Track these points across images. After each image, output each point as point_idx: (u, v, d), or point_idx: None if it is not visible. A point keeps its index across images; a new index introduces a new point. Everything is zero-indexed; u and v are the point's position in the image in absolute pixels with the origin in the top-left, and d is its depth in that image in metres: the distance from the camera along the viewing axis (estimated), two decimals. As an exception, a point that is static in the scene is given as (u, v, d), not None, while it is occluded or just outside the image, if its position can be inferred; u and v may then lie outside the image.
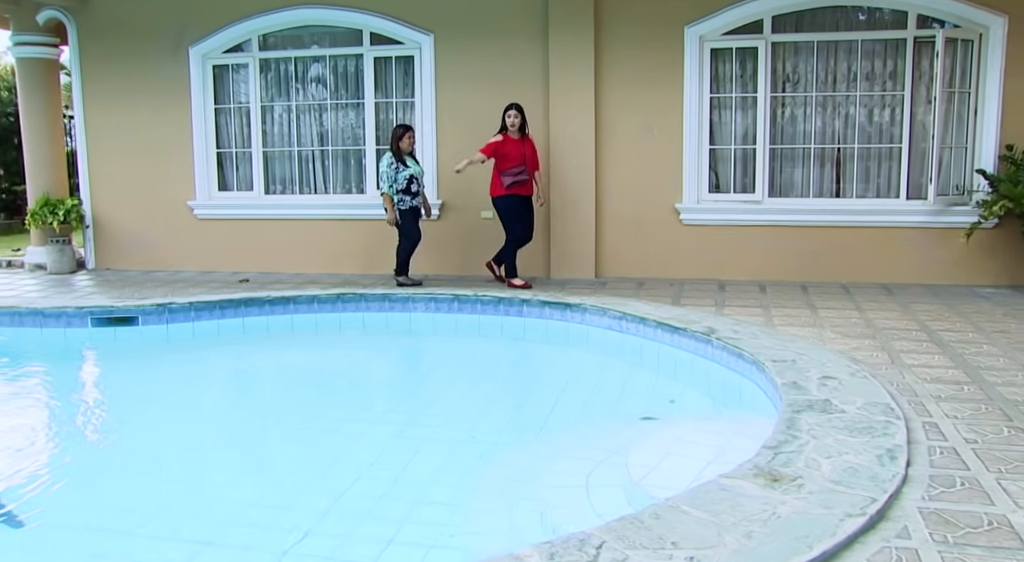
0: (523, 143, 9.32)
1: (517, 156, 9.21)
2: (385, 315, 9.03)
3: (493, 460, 5.37)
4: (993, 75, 9.13)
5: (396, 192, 9.44)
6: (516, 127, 9.25)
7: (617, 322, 7.93)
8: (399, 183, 9.41)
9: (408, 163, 9.48)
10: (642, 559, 3.12)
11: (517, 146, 9.25)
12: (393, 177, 9.41)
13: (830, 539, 3.31)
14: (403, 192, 9.45)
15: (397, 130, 9.49)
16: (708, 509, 3.53)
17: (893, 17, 9.46)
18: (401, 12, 10.27)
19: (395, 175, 9.41)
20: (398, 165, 9.41)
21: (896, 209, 9.50)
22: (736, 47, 9.72)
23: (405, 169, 9.43)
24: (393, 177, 9.41)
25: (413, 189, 9.49)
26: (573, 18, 9.67)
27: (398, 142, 9.44)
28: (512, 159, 9.19)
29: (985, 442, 4.57)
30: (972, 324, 7.54)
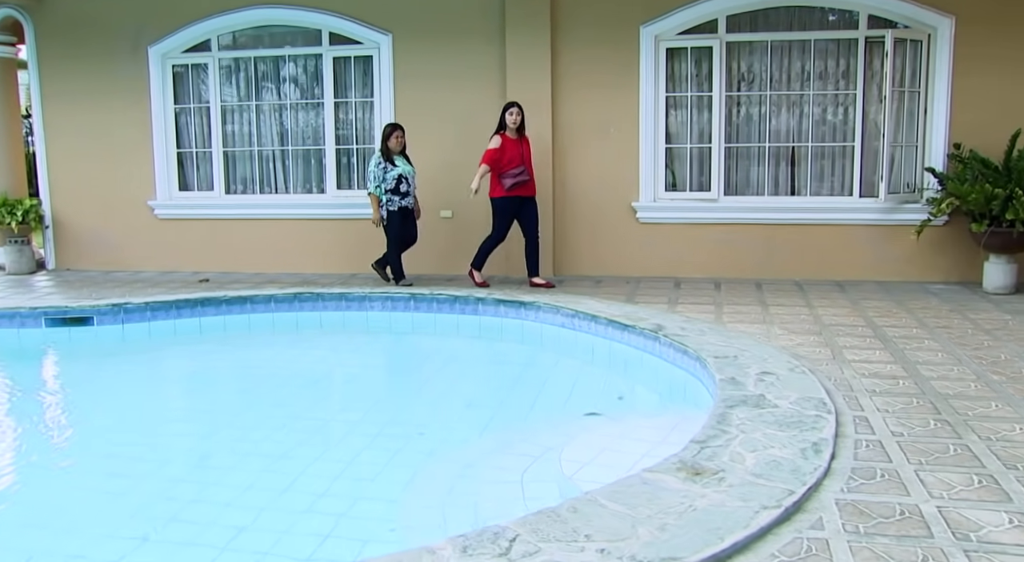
0: (521, 143, 9.20)
1: (516, 157, 9.07)
2: (342, 314, 9.08)
3: (438, 456, 5.44)
4: (942, 75, 9.26)
5: (384, 192, 9.34)
6: (517, 126, 9.12)
7: (570, 320, 8.00)
8: (388, 183, 9.32)
9: (397, 162, 9.38)
10: (554, 552, 3.19)
11: (516, 146, 9.12)
12: (381, 177, 9.31)
13: (742, 531, 3.38)
14: (391, 192, 9.35)
15: (386, 129, 9.40)
16: (626, 502, 3.60)
17: (845, 17, 9.55)
18: (359, 12, 10.31)
19: (383, 175, 9.31)
20: (386, 165, 9.32)
21: (849, 207, 9.62)
22: (691, 47, 9.81)
23: (393, 168, 9.33)
24: (381, 177, 9.31)
25: (402, 189, 9.36)
26: (529, 19, 9.73)
27: (386, 141, 9.35)
28: (512, 160, 9.04)
29: (911, 435, 4.66)
30: (917, 320, 7.65)
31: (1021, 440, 4.59)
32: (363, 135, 10.70)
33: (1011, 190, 8.27)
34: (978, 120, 9.15)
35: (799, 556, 3.29)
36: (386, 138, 9.35)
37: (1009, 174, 8.52)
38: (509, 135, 9.10)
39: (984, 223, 8.56)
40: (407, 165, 9.47)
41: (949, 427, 4.81)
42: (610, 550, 3.20)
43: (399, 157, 9.43)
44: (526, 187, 9.15)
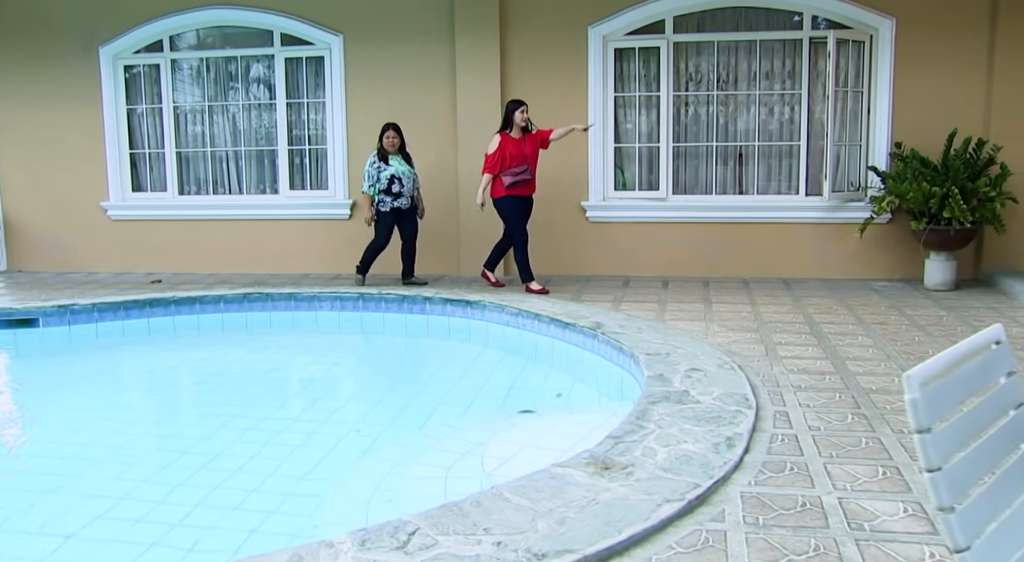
0: (524, 141, 8.93)
1: (518, 156, 8.82)
2: (291, 314, 9.11)
3: (371, 453, 5.51)
4: (884, 75, 9.39)
5: (378, 192, 9.28)
6: (524, 124, 8.91)
7: (514, 318, 8.06)
8: (381, 183, 9.26)
9: (392, 162, 9.30)
10: (451, 544, 3.24)
11: (518, 145, 8.87)
12: (375, 176, 9.26)
13: (641, 524, 3.45)
14: (384, 192, 9.28)
15: (382, 129, 9.37)
16: (530, 497, 3.66)
17: (790, 18, 9.66)
18: (310, 13, 10.33)
19: (376, 174, 9.26)
20: (380, 164, 9.26)
21: (795, 205, 9.74)
22: (639, 47, 9.90)
23: (387, 168, 9.25)
24: (375, 176, 9.26)
25: (394, 190, 9.26)
26: (478, 20, 9.79)
27: (381, 141, 9.32)
28: (513, 158, 8.81)
29: (827, 429, 4.75)
30: (855, 316, 7.76)
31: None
32: (316, 136, 10.73)
33: (948, 188, 8.39)
34: (919, 119, 9.29)
35: (696, 547, 3.36)
36: (380, 138, 9.34)
37: (947, 173, 8.64)
38: (513, 133, 8.88)
39: (923, 221, 8.69)
40: (402, 165, 9.36)
41: (866, 421, 4.91)
42: (506, 543, 3.26)
43: (395, 157, 9.35)
44: (528, 186, 8.97)
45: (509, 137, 8.85)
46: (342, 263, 10.52)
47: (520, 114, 8.81)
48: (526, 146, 8.90)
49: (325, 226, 10.63)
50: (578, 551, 3.21)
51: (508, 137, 8.85)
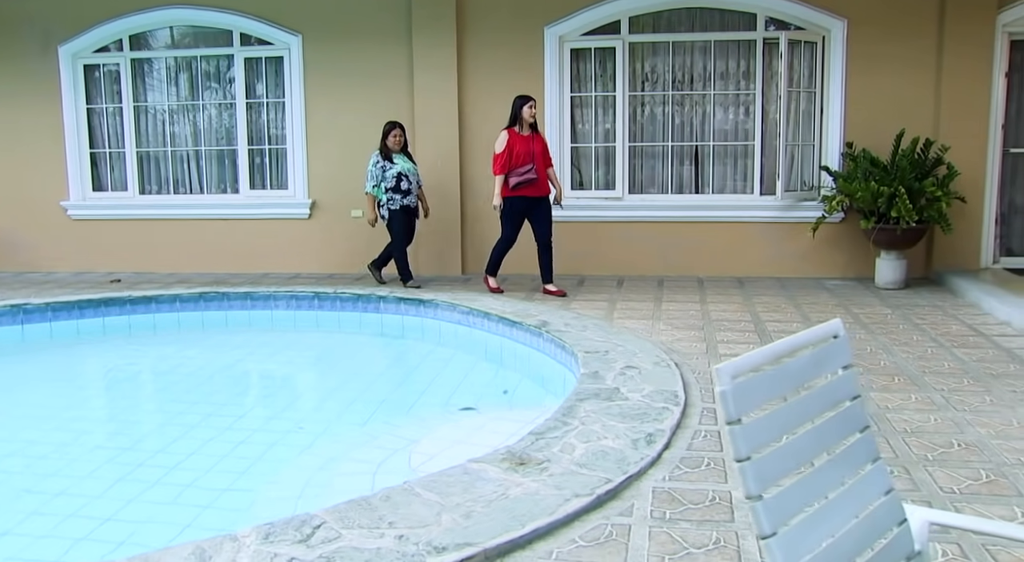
0: (532, 140, 8.61)
1: (525, 154, 8.48)
2: (247, 313, 9.13)
3: (309, 450, 5.56)
4: (836, 75, 9.48)
5: (385, 191, 9.12)
6: (530, 122, 8.62)
7: (465, 317, 8.12)
8: (387, 181, 9.10)
9: (396, 160, 9.16)
10: (354, 537, 3.30)
11: (525, 143, 8.53)
12: (379, 175, 9.11)
13: (546, 518, 3.51)
14: (393, 190, 9.12)
15: (385, 127, 9.20)
16: (441, 491, 3.72)
17: (744, 19, 9.75)
18: (269, 13, 10.36)
19: (381, 173, 9.11)
20: (384, 163, 9.12)
21: (750, 205, 9.82)
22: (595, 47, 9.96)
23: (392, 167, 9.11)
24: (379, 175, 9.11)
25: (403, 187, 9.11)
26: (435, 20, 9.83)
27: (384, 139, 9.15)
28: (520, 157, 8.47)
29: (750, 425, 4.81)
30: (802, 315, 7.84)
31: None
32: (276, 135, 10.75)
33: (895, 188, 8.48)
34: (871, 119, 9.39)
35: (598, 541, 3.42)
36: (384, 136, 9.16)
37: (895, 173, 8.74)
38: (520, 131, 8.58)
39: (872, 220, 8.78)
40: (407, 163, 9.24)
41: (791, 417, 4.96)
42: (408, 536, 3.31)
43: (399, 155, 9.22)
44: (534, 187, 8.60)
45: (517, 135, 8.56)
46: (302, 262, 10.57)
47: (528, 110, 8.53)
48: (534, 144, 8.60)
49: (285, 226, 10.66)
50: (478, 544, 3.27)
51: (516, 135, 8.56)
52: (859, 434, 2.06)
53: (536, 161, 8.53)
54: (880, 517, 2.00)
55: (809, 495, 1.81)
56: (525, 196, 8.59)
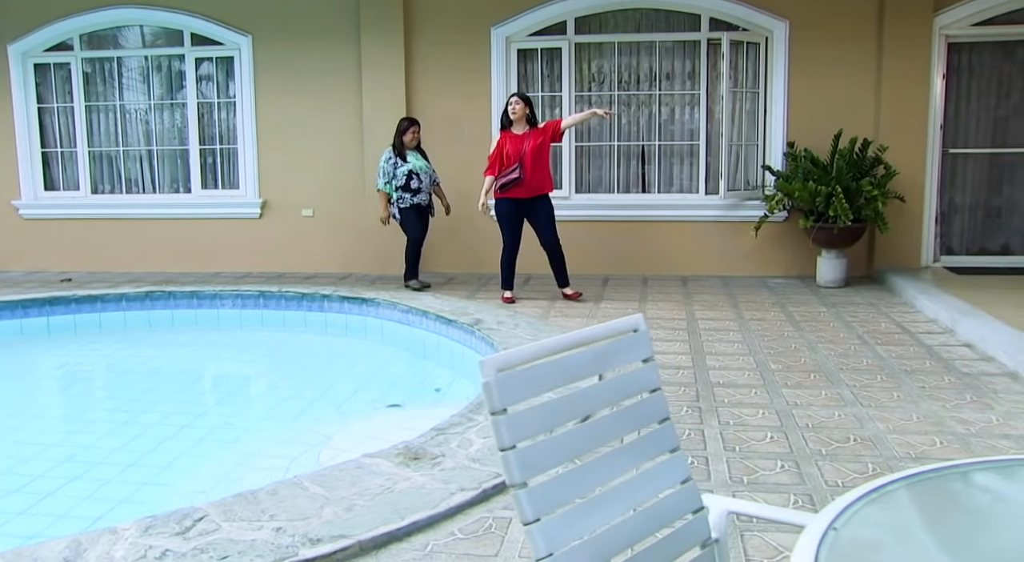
0: (527, 137, 8.20)
1: (514, 154, 8.14)
2: (194, 312, 9.17)
3: (233, 446, 5.64)
4: (779, 76, 9.59)
5: (396, 189, 8.89)
6: (516, 117, 8.22)
7: (405, 315, 8.18)
8: (398, 179, 8.87)
9: (409, 158, 8.92)
10: (232, 530, 3.36)
11: (517, 142, 8.18)
12: (391, 173, 8.88)
13: (428, 511, 3.59)
14: (403, 189, 8.88)
15: (401, 124, 8.99)
16: (328, 485, 3.78)
17: (688, 20, 9.84)
18: (219, 13, 10.39)
19: (393, 171, 8.88)
20: (396, 160, 8.88)
21: (695, 204, 9.92)
22: (541, 48, 10.03)
23: (404, 164, 8.88)
24: (391, 173, 8.88)
25: (413, 186, 8.87)
26: (383, 20, 9.89)
27: (401, 136, 8.91)
28: (509, 158, 8.17)
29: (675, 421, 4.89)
30: (736, 313, 7.94)
31: (755, 424, 4.86)
32: (227, 135, 10.78)
33: (833, 187, 8.59)
34: (813, 119, 9.50)
35: (476, 534, 3.50)
36: (401, 132, 8.93)
37: (833, 172, 8.84)
38: (514, 129, 8.28)
39: (811, 219, 8.88)
40: (419, 161, 8.99)
41: (699, 413, 5.07)
42: (286, 528, 3.38)
43: (412, 152, 8.97)
44: (522, 187, 8.19)
45: (509, 134, 8.27)
46: (253, 261, 10.61)
47: (511, 107, 8.25)
48: (527, 142, 8.19)
49: (236, 225, 10.70)
50: (353, 536, 3.34)
51: (508, 134, 8.28)
52: (658, 425, 2.13)
53: (526, 160, 8.14)
54: (672, 505, 2.08)
55: (588, 484, 1.89)
56: (513, 198, 8.26)
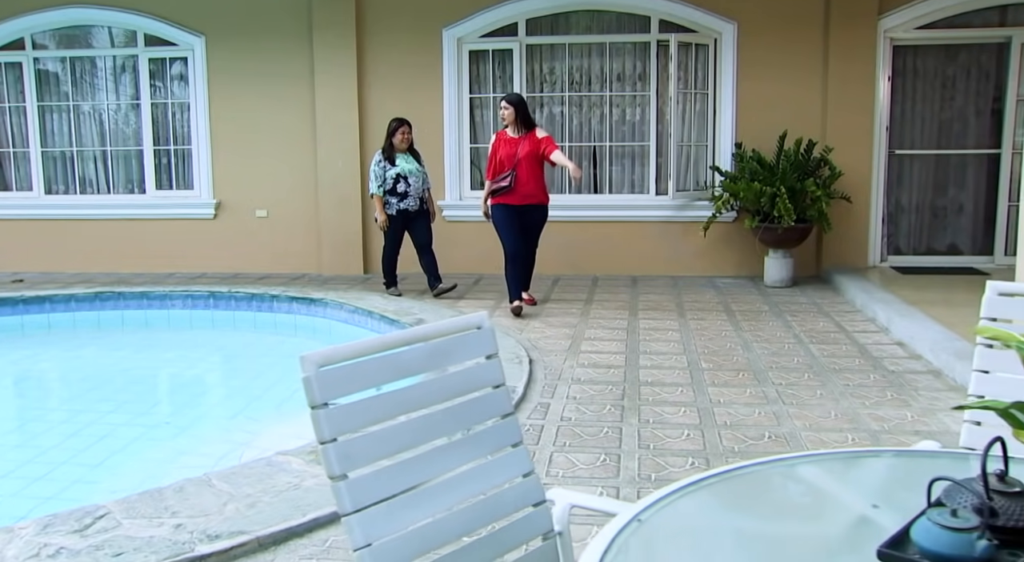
0: (520, 142, 7.83)
1: (507, 159, 7.81)
2: (144, 312, 9.17)
3: (166, 444, 5.66)
4: (727, 77, 9.68)
5: (385, 193, 8.57)
6: (506, 122, 7.90)
7: (351, 315, 8.22)
8: (386, 183, 8.52)
9: (398, 161, 8.52)
10: (132, 527, 3.40)
11: (510, 146, 7.83)
12: (381, 176, 8.52)
13: (330, 507, 3.62)
14: (389, 193, 8.52)
15: (390, 125, 8.63)
16: (236, 482, 3.83)
17: (639, 21, 9.92)
18: (173, 14, 10.39)
19: (383, 174, 8.53)
20: (385, 163, 8.51)
21: (645, 204, 10.00)
22: (493, 49, 10.09)
23: (392, 168, 8.51)
24: (381, 176, 8.52)
25: (399, 189, 8.47)
26: (335, 22, 9.93)
27: (390, 138, 8.55)
28: (502, 164, 7.86)
29: (577, 420, 4.98)
30: (679, 312, 8.02)
31: (675, 422, 4.93)
32: (181, 136, 10.78)
33: (777, 188, 8.68)
34: (761, 120, 9.59)
35: (378, 529, 3.54)
36: (390, 134, 8.57)
37: (778, 173, 8.94)
38: (510, 132, 7.92)
39: (756, 220, 8.97)
40: (409, 164, 8.57)
41: (620, 412, 5.14)
42: (186, 525, 3.42)
43: (403, 155, 8.57)
44: (513, 194, 7.86)
45: (504, 137, 7.92)
46: (207, 262, 10.61)
47: (500, 112, 7.99)
48: (522, 146, 7.81)
49: (190, 226, 10.70)
50: (252, 533, 3.38)
51: (503, 137, 7.94)
52: (500, 419, 2.18)
53: (521, 167, 7.78)
54: (512, 498, 2.14)
55: (417, 476, 1.94)
56: (505, 204, 7.89)
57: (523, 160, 7.77)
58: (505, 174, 7.80)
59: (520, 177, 7.79)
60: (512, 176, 7.77)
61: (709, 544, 1.76)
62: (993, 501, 1.54)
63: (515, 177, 7.77)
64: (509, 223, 7.92)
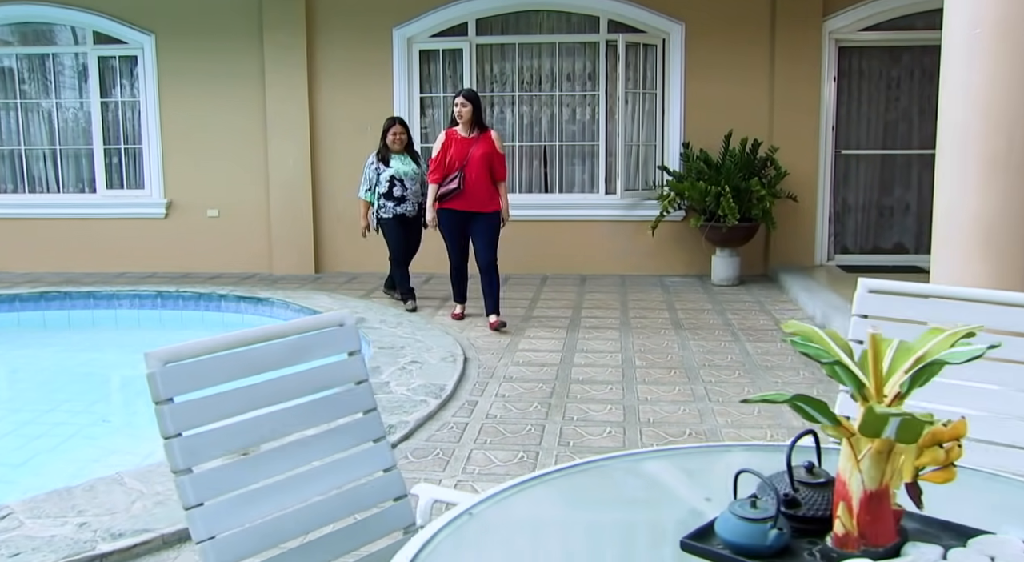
0: (472, 142, 7.20)
1: (458, 159, 7.16)
2: (91, 312, 9.13)
3: (98, 443, 5.67)
4: (675, 78, 9.75)
5: (379, 197, 7.94)
6: (463, 120, 7.20)
7: (297, 314, 8.21)
8: (381, 186, 7.90)
9: (393, 162, 7.92)
10: (35, 527, 3.41)
11: (462, 147, 7.18)
12: (373, 179, 7.96)
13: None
14: (385, 196, 7.89)
15: (384, 124, 8.08)
16: (148, 480, 3.84)
17: (588, 21, 9.97)
18: (122, 12, 10.35)
19: (375, 176, 7.95)
20: (379, 165, 7.94)
21: (595, 203, 10.06)
22: (443, 49, 10.11)
23: (387, 169, 7.93)
24: (373, 179, 7.96)
25: (396, 193, 7.87)
26: (286, 21, 9.92)
27: (384, 138, 8.00)
28: (452, 164, 7.19)
29: (503, 417, 5.02)
30: (622, 311, 8.08)
31: (599, 420, 4.98)
32: (131, 135, 10.74)
33: (722, 187, 8.75)
34: (708, 120, 9.66)
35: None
36: (383, 134, 8.01)
37: (723, 172, 9.01)
38: (460, 131, 7.23)
39: (702, 218, 9.04)
40: (406, 165, 7.97)
41: (547, 409, 5.18)
42: (90, 523, 3.43)
43: (398, 156, 7.97)
44: (463, 199, 7.23)
45: (455, 136, 7.24)
46: (158, 262, 10.57)
47: (455, 109, 7.25)
48: (475, 147, 7.21)
49: (141, 225, 10.66)
50: (157, 530, 3.40)
51: (454, 136, 7.24)
52: (362, 415, 2.22)
53: (471, 169, 7.18)
54: (371, 492, 2.17)
55: (268, 471, 1.97)
56: (451, 210, 7.28)
57: (474, 162, 7.16)
58: (452, 175, 7.15)
59: (469, 178, 7.15)
60: (460, 177, 7.13)
61: (532, 535, 1.80)
62: (798, 492, 1.58)
63: (464, 178, 7.14)
64: (457, 232, 7.38)
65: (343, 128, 10.10)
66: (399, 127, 8.01)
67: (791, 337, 1.53)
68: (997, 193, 4.41)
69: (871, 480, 1.46)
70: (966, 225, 4.50)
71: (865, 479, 1.46)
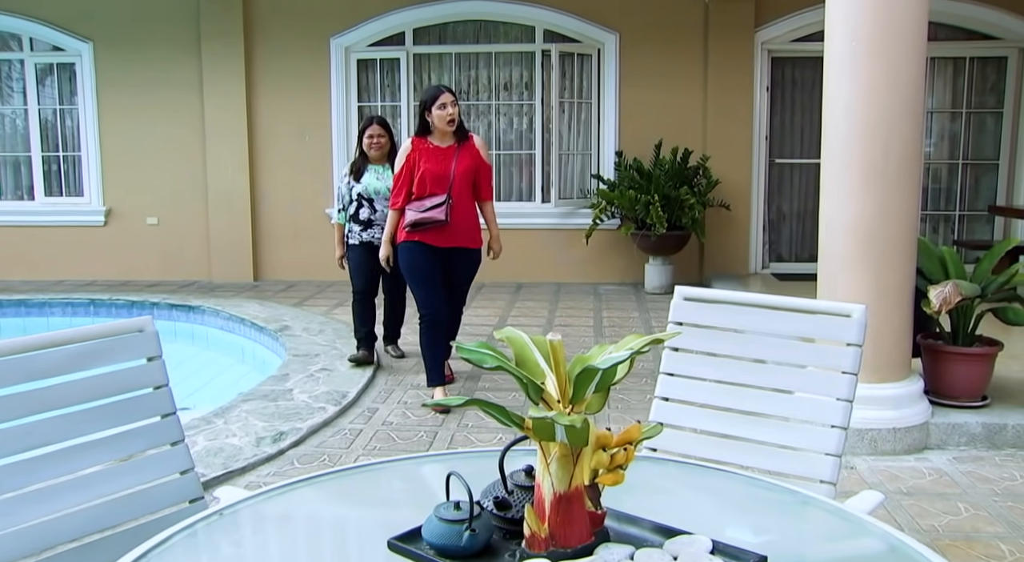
0: (453, 154, 5.28)
1: (436, 179, 5.21)
2: (22, 320, 9.10)
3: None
4: (610, 87, 9.84)
5: (347, 220, 6.26)
6: (455, 125, 5.27)
7: (226, 322, 8.25)
8: (350, 206, 6.23)
9: (365, 177, 6.15)
10: None
11: (440, 160, 5.26)
12: (346, 197, 6.23)
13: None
14: (352, 219, 6.20)
15: (361, 124, 6.65)
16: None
17: (524, 31, 10.05)
18: (59, 19, 10.34)
19: (348, 193, 6.22)
20: (349, 178, 6.23)
21: (531, 212, 10.12)
22: (380, 58, 10.16)
23: (356, 185, 6.18)
24: (346, 197, 6.23)
25: (362, 216, 6.14)
26: (223, 30, 9.94)
27: (359, 143, 6.27)
28: (428, 182, 5.21)
29: (399, 424, 5.07)
30: (548, 318, 8.15)
31: (493, 427, 5.03)
32: (70, 142, 10.72)
33: (651, 195, 8.83)
34: (642, 129, 9.75)
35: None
36: (359, 137, 6.30)
37: (653, 180, 9.10)
38: (435, 141, 5.29)
39: (632, 226, 9.12)
40: (380, 181, 6.10)
41: (444, 416, 5.21)
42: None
43: (375, 168, 6.18)
44: (443, 232, 5.30)
45: (427, 147, 5.29)
46: (97, 269, 10.55)
47: (444, 110, 5.19)
48: (457, 161, 5.30)
49: (80, 233, 10.63)
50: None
51: (425, 147, 5.29)
52: (160, 418, 2.26)
53: (456, 189, 5.28)
54: (165, 493, 2.21)
55: (49, 472, 2.01)
56: (427, 245, 5.32)
57: (460, 178, 5.28)
58: (438, 201, 5.19)
59: (456, 206, 5.29)
60: (448, 206, 5.21)
61: (270, 535, 1.86)
62: (512, 495, 1.64)
63: (451, 207, 5.24)
64: (430, 273, 5.44)
65: (282, 136, 10.14)
66: (377, 128, 6.16)
67: (499, 343, 1.59)
68: (874, 201, 4.51)
69: (560, 482, 1.52)
70: (846, 231, 4.60)
71: (554, 481, 1.52)
